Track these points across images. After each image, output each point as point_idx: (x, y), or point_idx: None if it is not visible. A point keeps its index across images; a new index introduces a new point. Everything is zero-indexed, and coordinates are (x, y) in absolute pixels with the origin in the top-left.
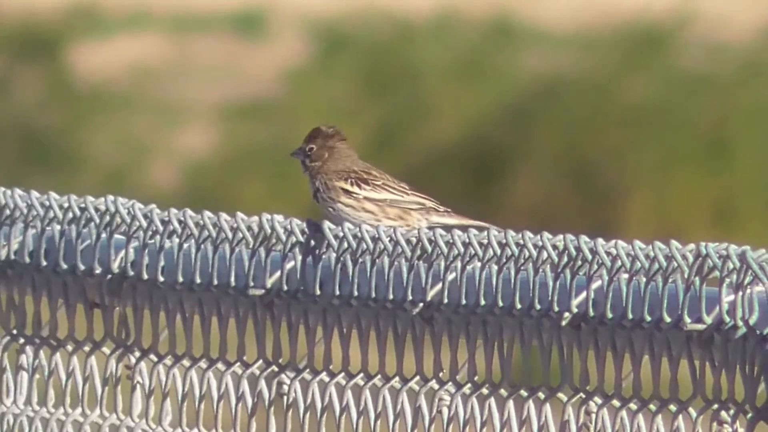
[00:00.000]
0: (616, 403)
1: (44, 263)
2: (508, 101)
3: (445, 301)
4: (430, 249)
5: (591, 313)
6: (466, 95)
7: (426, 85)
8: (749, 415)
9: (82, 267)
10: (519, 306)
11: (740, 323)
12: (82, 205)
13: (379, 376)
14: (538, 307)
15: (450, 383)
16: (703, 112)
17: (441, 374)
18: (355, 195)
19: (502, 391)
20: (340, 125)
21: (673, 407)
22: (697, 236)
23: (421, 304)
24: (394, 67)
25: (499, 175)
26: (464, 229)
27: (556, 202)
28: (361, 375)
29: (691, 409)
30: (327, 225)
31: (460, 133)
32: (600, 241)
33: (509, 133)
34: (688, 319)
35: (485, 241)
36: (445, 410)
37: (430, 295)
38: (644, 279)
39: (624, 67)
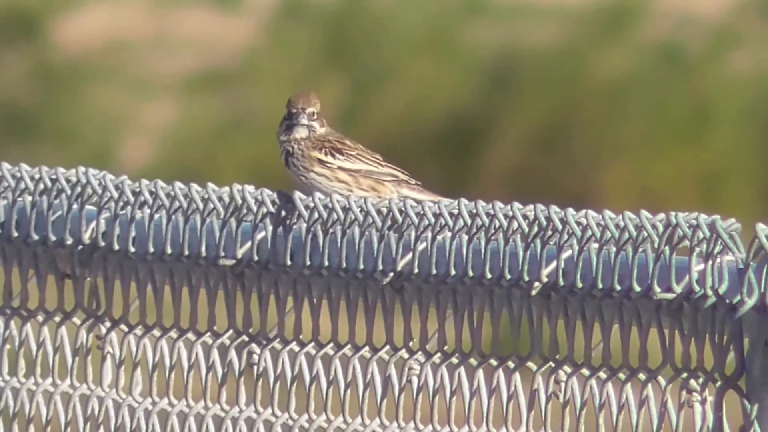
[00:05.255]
0: (585, 372)
1: (15, 234)
2: (479, 72)
3: (416, 271)
4: (400, 219)
5: (561, 282)
6: (434, 65)
7: (391, 55)
8: (718, 383)
9: (53, 238)
10: (489, 276)
11: (710, 292)
12: (54, 177)
13: (348, 346)
14: (508, 276)
15: (420, 353)
16: (680, 84)
17: (411, 344)
18: (329, 165)
19: (472, 361)
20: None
21: (642, 376)
22: (680, 208)
23: (392, 274)
24: (356, 36)
25: (472, 148)
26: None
27: (532, 175)
28: (331, 345)
29: (660, 378)
30: (298, 195)
31: (430, 105)
32: (570, 210)
33: (482, 104)
34: (657, 289)
35: (456, 211)
36: (414, 379)
37: (401, 265)
38: (614, 248)
39: (597, 39)
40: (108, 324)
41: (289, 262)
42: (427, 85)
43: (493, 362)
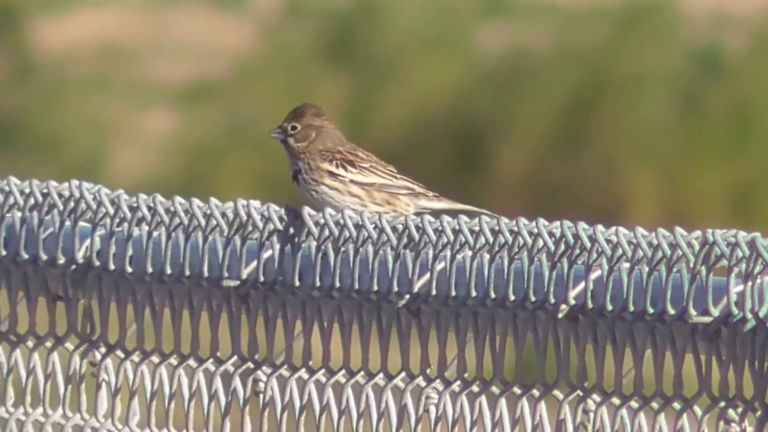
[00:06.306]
0: (615, 401)
1: (4, 253)
2: (490, 73)
3: (434, 292)
4: (417, 237)
5: (590, 304)
6: (442, 66)
7: (397, 55)
8: (758, 413)
9: (44, 257)
10: (512, 297)
11: (749, 315)
12: (45, 191)
13: (362, 373)
14: (533, 298)
15: (438, 380)
16: (714, 88)
17: (428, 371)
18: (340, 178)
19: (494, 389)
20: (305, 99)
21: (677, 405)
22: (711, 224)
23: (408, 296)
24: (360, 36)
25: (482, 154)
26: (454, 214)
27: (547, 182)
28: (343, 372)
29: (696, 408)
30: (307, 211)
31: (438, 107)
32: (599, 227)
33: (492, 108)
34: (693, 312)
35: (476, 228)
36: (432, 409)
37: (418, 286)
38: (647, 268)
39: (624, 38)
40: (103, 349)
41: (297, 283)
42: (434, 86)
43: (517, 390)
